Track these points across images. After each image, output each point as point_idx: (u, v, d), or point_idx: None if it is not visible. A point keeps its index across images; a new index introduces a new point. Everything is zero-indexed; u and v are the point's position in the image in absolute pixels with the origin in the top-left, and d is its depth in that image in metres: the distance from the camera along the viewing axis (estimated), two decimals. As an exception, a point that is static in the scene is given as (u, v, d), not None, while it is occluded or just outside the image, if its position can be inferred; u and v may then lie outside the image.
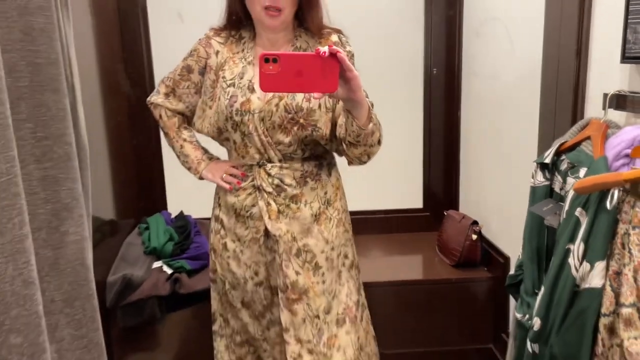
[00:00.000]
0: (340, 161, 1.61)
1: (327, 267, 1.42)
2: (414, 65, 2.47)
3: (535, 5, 1.61)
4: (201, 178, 1.50)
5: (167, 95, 1.48)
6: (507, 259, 1.97)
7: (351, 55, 1.40)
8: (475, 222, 2.16)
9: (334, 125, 1.34)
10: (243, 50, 1.39)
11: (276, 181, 1.37)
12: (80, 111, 1.48)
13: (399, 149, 2.55)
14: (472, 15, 2.26)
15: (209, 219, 1.71)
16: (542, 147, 1.53)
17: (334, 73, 1.05)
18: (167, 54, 2.34)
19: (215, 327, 1.59)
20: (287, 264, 1.38)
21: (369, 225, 2.57)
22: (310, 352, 1.39)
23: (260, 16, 1.29)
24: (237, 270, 1.45)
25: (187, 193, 2.44)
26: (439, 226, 2.36)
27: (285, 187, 1.37)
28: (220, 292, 1.55)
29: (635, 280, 0.98)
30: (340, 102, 1.26)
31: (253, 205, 1.40)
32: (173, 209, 2.43)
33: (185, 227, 2.18)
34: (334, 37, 1.40)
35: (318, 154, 1.43)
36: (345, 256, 1.49)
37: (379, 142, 1.32)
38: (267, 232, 1.40)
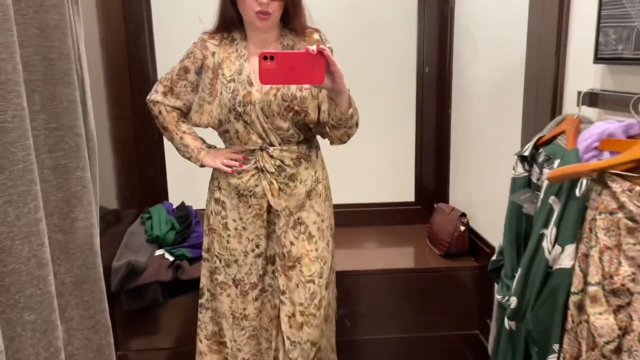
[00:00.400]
0: (329, 155, 1.72)
1: (319, 236, 1.62)
2: (408, 64, 2.57)
3: (519, 9, 1.71)
4: (202, 166, 1.63)
5: (165, 93, 1.63)
6: (493, 249, 2.07)
7: (331, 51, 1.52)
8: (463, 214, 2.26)
9: (319, 111, 1.55)
10: (237, 49, 1.55)
11: (277, 162, 1.55)
12: (89, 104, 1.57)
13: (393, 145, 2.65)
14: (462, 16, 2.36)
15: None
16: (525, 141, 1.63)
17: (321, 67, 1.29)
18: (169, 48, 2.45)
19: (202, 300, 1.75)
20: (285, 235, 1.59)
21: (363, 218, 2.68)
22: (302, 314, 1.60)
23: (252, 19, 1.47)
24: (237, 247, 1.60)
25: (188, 184, 2.54)
26: (430, 218, 2.46)
27: (285, 167, 1.56)
28: (210, 269, 1.70)
29: (601, 261, 1.08)
30: (324, 91, 1.49)
31: (256, 185, 1.57)
32: (174, 199, 2.52)
33: (186, 217, 2.27)
34: (316, 36, 1.58)
35: (308, 137, 1.62)
36: (331, 227, 1.69)
37: (357, 125, 1.54)
38: (268, 208, 1.59)
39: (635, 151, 1.03)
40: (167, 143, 2.49)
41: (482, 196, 2.20)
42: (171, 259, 2.09)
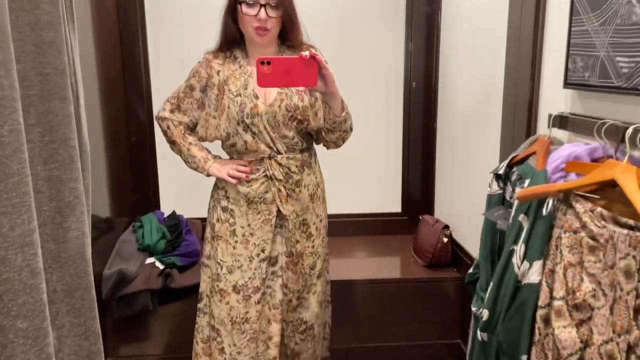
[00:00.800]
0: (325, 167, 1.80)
1: (316, 235, 1.79)
2: (396, 79, 2.64)
3: (498, 34, 1.79)
4: (208, 175, 1.73)
5: (172, 110, 1.74)
6: (474, 261, 2.13)
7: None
8: (446, 226, 2.32)
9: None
10: (240, 67, 1.65)
11: (285, 169, 1.67)
12: (83, 117, 1.62)
13: (381, 158, 2.72)
14: (447, 36, 2.43)
15: (199, 218, 1.87)
16: (503, 159, 1.69)
17: (314, 71, 1.40)
18: (162, 59, 2.51)
19: (200, 305, 1.84)
20: (293, 236, 1.73)
21: (352, 228, 2.75)
22: (298, 298, 1.80)
23: (252, 35, 1.58)
24: (243, 252, 1.70)
25: (179, 194, 2.60)
26: (415, 229, 2.52)
27: (292, 174, 1.68)
28: (211, 276, 1.78)
29: (565, 277, 1.14)
30: (319, 100, 1.62)
31: (266, 192, 1.68)
32: (166, 208, 2.57)
33: (177, 225, 2.32)
34: (312, 50, 1.64)
35: (309, 145, 1.75)
36: (325, 226, 1.86)
37: (351, 129, 1.68)
38: (277, 213, 1.70)
39: (596, 175, 1.09)
40: (159, 153, 2.57)
41: (464, 209, 2.27)
42: (161, 267, 2.13)
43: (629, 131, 1.05)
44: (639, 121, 1.09)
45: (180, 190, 2.56)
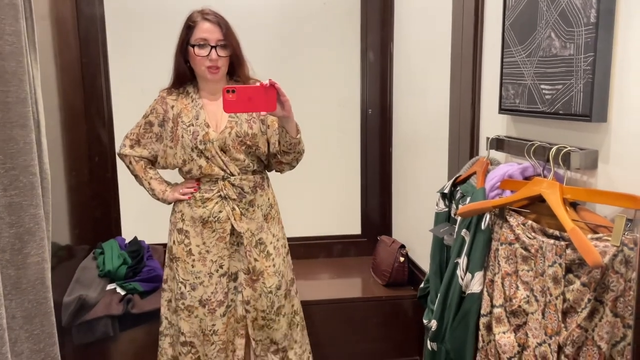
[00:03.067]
0: (281, 191, 1.89)
1: (275, 254, 1.86)
2: (353, 107, 2.77)
3: (442, 65, 1.93)
4: (169, 203, 1.88)
5: (132, 146, 1.87)
6: (427, 277, 2.23)
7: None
8: (402, 246, 2.42)
9: (268, 145, 1.82)
10: (192, 100, 1.80)
11: (238, 190, 1.79)
12: (44, 144, 1.65)
13: (340, 182, 2.83)
14: (399, 67, 2.58)
15: (161, 244, 1.91)
16: (450, 179, 1.81)
17: (273, 98, 1.55)
18: (124, 88, 2.57)
19: (161, 328, 1.92)
20: (249, 253, 1.82)
21: (313, 250, 2.82)
22: (264, 318, 1.85)
23: (204, 73, 1.74)
24: (202, 269, 1.79)
25: (141, 220, 2.61)
26: (374, 250, 2.61)
27: (245, 194, 1.80)
28: (170, 299, 1.87)
29: (503, 285, 1.24)
30: (271, 128, 1.79)
31: (220, 211, 1.79)
32: (127, 234, 2.58)
33: (138, 251, 2.33)
34: (257, 84, 1.79)
35: (261, 169, 1.87)
36: (284, 246, 1.94)
37: (303, 151, 1.82)
38: (231, 231, 1.80)
39: (525, 191, 1.20)
40: (120, 180, 2.60)
41: (418, 229, 2.37)
42: (122, 293, 2.14)
43: (553, 151, 1.17)
44: (561, 142, 1.21)
45: (142, 216, 2.58)
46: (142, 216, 2.59)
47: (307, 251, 2.80)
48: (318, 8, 2.67)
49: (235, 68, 1.79)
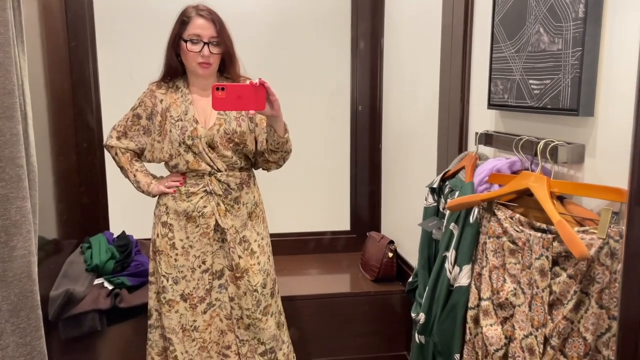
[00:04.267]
0: (272, 188, 1.88)
1: (260, 252, 1.85)
2: (343, 103, 2.77)
3: (433, 61, 1.94)
4: (153, 196, 1.86)
5: (119, 138, 1.85)
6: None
7: None
8: (391, 242, 2.43)
9: (256, 143, 1.82)
10: (182, 95, 1.79)
11: (224, 186, 1.78)
12: (31, 136, 1.64)
13: (330, 178, 2.83)
14: (390, 63, 2.59)
15: (149, 239, 1.90)
16: (439, 174, 1.82)
17: (263, 97, 1.54)
18: (113, 81, 2.55)
19: (150, 321, 1.89)
20: (233, 250, 1.80)
21: (303, 246, 2.82)
22: (249, 317, 1.82)
23: (195, 68, 1.74)
24: (185, 263, 1.78)
25: (129, 214, 2.60)
26: (363, 246, 2.62)
27: (231, 190, 1.79)
28: (157, 291, 1.85)
29: (490, 278, 1.25)
30: (259, 126, 1.78)
31: (205, 206, 1.78)
32: (115, 229, 2.56)
33: (126, 246, 2.32)
34: (247, 82, 1.79)
35: (248, 166, 1.86)
36: (268, 245, 1.93)
37: (291, 150, 1.81)
38: (215, 227, 1.79)
39: (513, 185, 1.22)
40: (108, 174, 2.58)
41: (407, 224, 2.38)
42: (110, 287, 2.12)
43: (540, 145, 1.18)
44: (549, 136, 1.23)
45: (130, 210, 2.56)
46: (130, 211, 2.58)
47: (296, 247, 2.81)
48: (308, 5, 2.67)
49: (227, 66, 1.80)
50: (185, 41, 1.71)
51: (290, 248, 2.78)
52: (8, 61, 1.51)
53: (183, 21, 1.72)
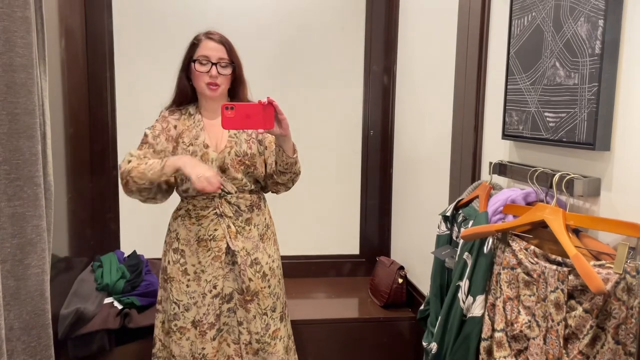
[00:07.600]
0: (282, 210, 1.88)
1: (270, 275, 1.84)
2: (355, 128, 2.79)
3: (445, 89, 1.96)
4: (173, 172, 1.65)
5: (129, 161, 1.73)
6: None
7: None
8: (401, 267, 2.42)
9: (265, 166, 1.83)
10: (194, 121, 1.81)
11: (234, 207, 1.78)
12: (49, 156, 1.66)
13: (340, 202, 2.84)
14: (402, 88, 2.62)
15: (160, 259, 1.90)
16: (452, 203, 1.82)
17: (271, 116, 1.56)
18: (129, 103, 2.59)
19: (154, 350, 1.87)
20: (244, 273, 1.78)
21: (311, 269, 2.82)
22: (258, 341, 1.81)
23: (204, 89, 1.76)
24: (197, 289, 1.76)
25: (140, 234, 2.61)
26: (372, 271, 2.61)
27: (242, 212, 1.79)
28: (164, 320, 1.83)
29: (504, 310, 1.25)
30: (268, 148, 1.80)
31: (215, 229, 1.77)
32: (126, 248, 2.57)
33: (137, 265, 2.32)
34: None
35: (258, 189, 1.86)
36: (279, 267, 1.92)
37: (300, 172, 1.82)
38: (227, 250, 1.77)
39: (528, 216, 1.22)
40: (121, 193, 2.59)
41: (418, 251, 2.38)
42: (120, 307, 2.13)
43: (556, 177, 1.18)
44: (564, 169, 1.23)
45: (141, 230, 2.58)
46: (141, 230, 2.59)
47: (305, 270, 2.80)
48: (322, 30, 2.71)
49: (236, 89, 1.82)
50: (194, 61, 1.74)
51: (298, 271, 2.77)
52: (30, 82, 1.54)
53: (193, 44, 1.77)
